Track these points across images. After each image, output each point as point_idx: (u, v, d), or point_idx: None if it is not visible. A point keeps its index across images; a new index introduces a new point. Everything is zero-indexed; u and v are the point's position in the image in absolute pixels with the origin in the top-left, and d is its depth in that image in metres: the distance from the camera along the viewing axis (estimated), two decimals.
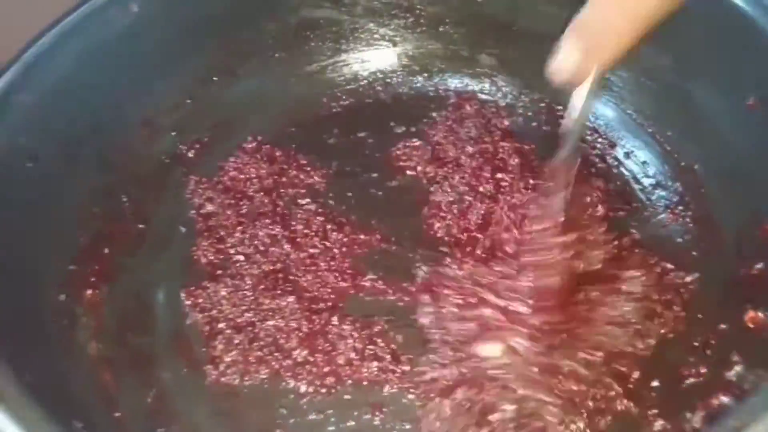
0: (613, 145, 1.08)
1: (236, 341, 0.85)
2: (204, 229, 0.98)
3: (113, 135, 0.97)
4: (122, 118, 0.99)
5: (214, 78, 1.11)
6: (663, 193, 1.00)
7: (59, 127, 0.86)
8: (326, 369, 0.82)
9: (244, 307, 0.88)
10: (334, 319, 0.86)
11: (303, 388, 0.81)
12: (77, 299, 0.82)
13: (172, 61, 1.05)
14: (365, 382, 0.82)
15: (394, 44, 1.22)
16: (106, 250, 0.90)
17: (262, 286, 0.90)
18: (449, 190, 1.02)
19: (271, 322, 0.87)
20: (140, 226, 0.96)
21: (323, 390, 0.81)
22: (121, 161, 0.98)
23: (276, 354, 0.84)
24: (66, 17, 0.90)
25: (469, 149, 1.06)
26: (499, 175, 1.02)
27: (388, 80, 1.21)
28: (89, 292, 0.84)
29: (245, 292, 0.90)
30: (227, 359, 0.84)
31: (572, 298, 0.84)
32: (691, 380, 0.77)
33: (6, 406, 0.56)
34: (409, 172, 1.07)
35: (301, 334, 0.85)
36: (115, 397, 0.76)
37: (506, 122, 1.12)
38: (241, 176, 1.05)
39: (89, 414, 0.66)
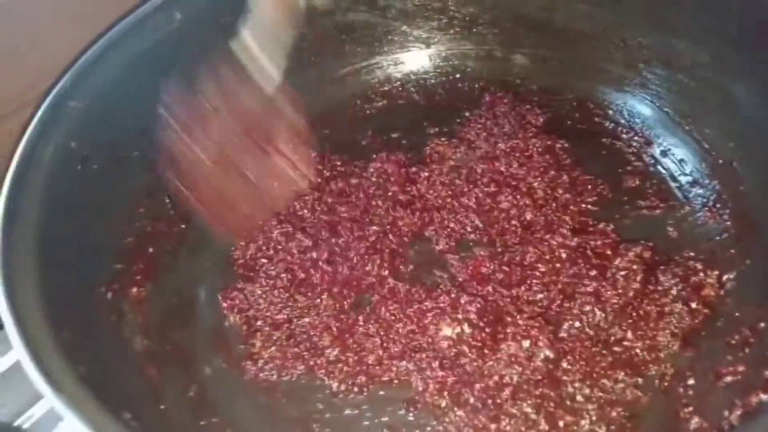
0: (649, 143, 1.07)
1: (274, 338, 0.88)
2: None
3: (157, 138, 1.00)
4: (164, 121, 1.02)
5: None
6: (700, 191, 0.98)
7: (106, 131, 0.89)
8: (357, 368, 0.84)
9: (280, 305, 0.91)
10: (361, 319, 0.88)
11: (335, 386, 0.83)
12: (124, 296, 0.86)
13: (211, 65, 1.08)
14: (396, 381, 0.83)
15: (428, 46, 1.23)
16: (150, 250, 0.94)
17: (296, 285, 0.92)
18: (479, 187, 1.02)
19: (306, 320, 0.89)
20: (182, 226, 0.99)
21: (355, 389, 0.83)
22: (164, 163, 1.01)
23: (311, 351, 0.86)
24: (113, 27, 0.94)
25: (502, 146, 1.06)
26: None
27: (422, 81, 1.23)
28: (135, 289, 0.88)
29: (280, 290, 0.92)
30: (266, 355, 0.86)
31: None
32: (729, 378, 0.76)
33: (65, 396, 0.59)
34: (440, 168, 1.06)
35: (333, 332, 0.87)
36: (160, 391, 0.79)
37: (541, 119, 1.11)
38: None
39: (137, 406, 0.69)
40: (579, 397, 0.78)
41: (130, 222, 0.93)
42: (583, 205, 0.97)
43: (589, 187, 1.00)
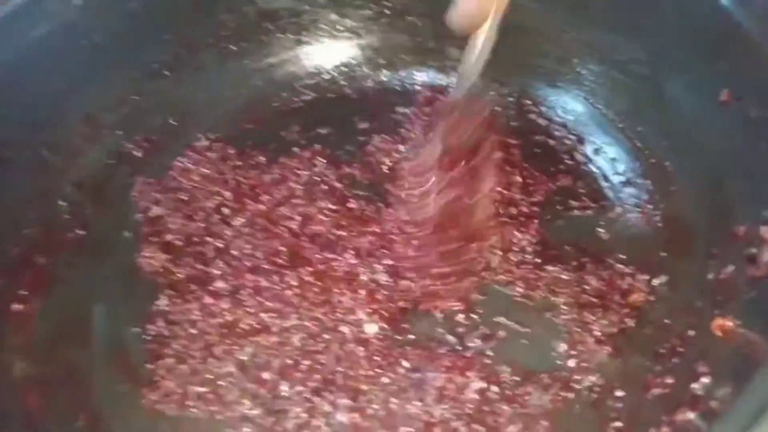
0: (582, 141, 1.03)
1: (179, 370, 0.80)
2: (150, 234, 0.92)
3: (51, 133, 0.91)
4: (61, 115, 0.93)
5: (165, 72, 1.05)
6: (633, 191, 0.96)
7: None
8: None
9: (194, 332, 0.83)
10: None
11: None
12: (2, 315, 0.76)
13: (118, 54, 0.99)
14: None
15: (358, 36, 1.16)
16: (41, 260, 0.84)
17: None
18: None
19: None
20: (79, 232, 0.90)
21: None
22: (60, 162, 0.92)
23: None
24: None
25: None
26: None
27: (352, 74, 1.16)
28: (18, 306, 0.79)
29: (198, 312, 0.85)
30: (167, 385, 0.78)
31: None
32: (657, 391, 0.73)
33: None
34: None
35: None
36: (39, 423, 0.70)
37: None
38: (193, 177, 1.00)
39: None
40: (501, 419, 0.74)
41: (15, 229, 0.83)
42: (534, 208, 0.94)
43: (541, 186, 0.97)
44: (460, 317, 0.84)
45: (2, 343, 0.75)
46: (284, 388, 0.78)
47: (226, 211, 0.95)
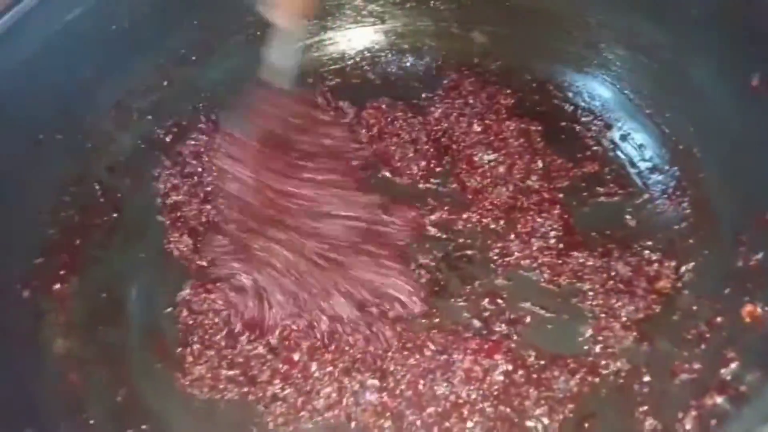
0: (609, 127, 1.03)
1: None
2: (175, 220, 0.94)
3: (83, 119, 0.92)
4: (92, 100, 0.94)
5: (193, 58, 1.06)
6: (660, 178, 0.95)
7: (21, 112, 0.81)
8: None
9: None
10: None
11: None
12: (44, 294, 0.79)
13: (145, 41, 1.00)
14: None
15: (383, 21, 1.16)
16: (77, 241, 0.87)
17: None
18: None
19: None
20: (114, 215, 0.92)
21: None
22: (93, 146, 0.93)
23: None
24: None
25: (476, 127, 1.01)
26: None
27: (377, 59, 1.16)
28: (58, 286, 0.81)
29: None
30: (196, 373, 0.80)
31: None
32: (685, 376, 0.73)
33: None
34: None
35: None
36: (81, 398, 0.73)
37: (511, 101, 1.06)
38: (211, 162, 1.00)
39: (51, 417, 0.62)
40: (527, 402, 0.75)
41: (53, 211, 0.86)
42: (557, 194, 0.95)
43: (562, 172, 0.97)
44: (486, 302, 0.85)
45: (44, 320, 0.77)
46: (314, 369, 0.80)
47: None
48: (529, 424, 0.74)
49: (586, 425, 0.74)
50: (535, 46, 1.11)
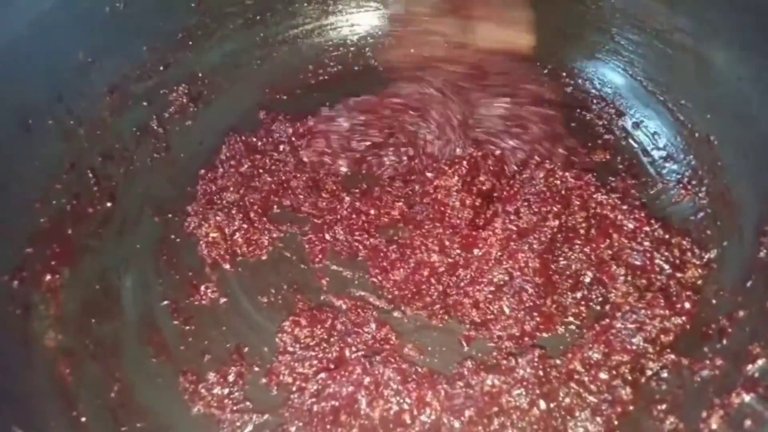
0: (621, 115, 1.00)
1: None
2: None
3: (76, 104, 0.89)
4: (86, 85, 0.90)
5: (190, 42, 1.02)
6: (674, 167, 0.92)
7: (11, 95, 0.78)
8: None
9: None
10: None
11: None
12: (34, 285, 0.75)
13: (141, 24, 0.96)
14: None
15: (385, 6, 1.13)
16: (69, 231, 0.83)
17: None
18: None
19: None
20: (107, 204, 0.89)
21: None
22: (86, 133, 0.90)
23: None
24: None
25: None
26: None
27: (380, 45, 1.12)
28: (48, 277, 0.77)
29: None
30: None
31: None
32: (706, 373, 0.70)
33: None
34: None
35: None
36: (73, 394, 0.69)
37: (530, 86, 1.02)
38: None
39: (40, 415, 0.59)
40: None
41: (44, 199, 0.82)
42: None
43: (587, 159, 0.94)
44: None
45: (34, 312, 0.74)
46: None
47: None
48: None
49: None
50: (544, 31, 1.07)
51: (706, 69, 0.90)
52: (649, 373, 0.73)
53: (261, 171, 0.95)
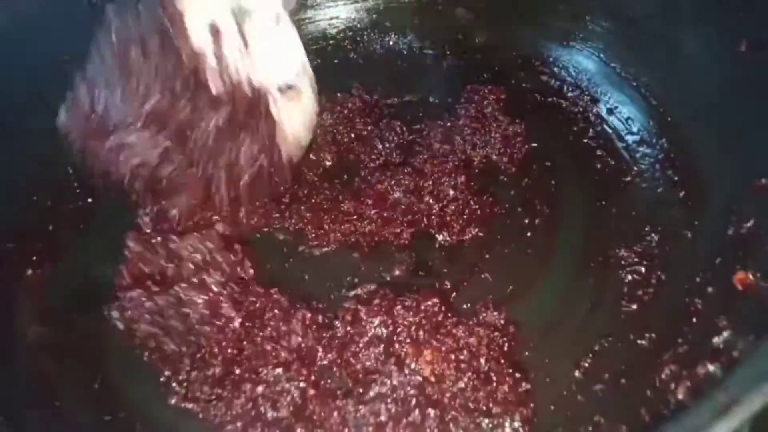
0: (595, 101, 1.01)
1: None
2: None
3: (55, 101, 0.89)
4: (64, 82, 0.90)
5: None
6: (648, 151, 0.94)
7: None
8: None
9: None
10: None
11: None
12: (17, 280, 0.76)
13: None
14: None
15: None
16: (50, 227, 0.84)
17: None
18: None
19: None
20: (88, 199, 0.89)
21: None
22: None
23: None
24: None
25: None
26: None
27: (358, 38, 1.14)
28: (30, 272, 0.78)
29: None
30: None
31: None
32: (680, 349, 0.71)
33: None
34: None
35: None
36: (55, 386, 0.70)
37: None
38: None
39: (21, 406, 0.60)
40: None
41: (25, 196, 0.83)
42: None
43: None
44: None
45: (17, 308, 0.74)
46: None
47: None
48: None
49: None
50: (519, 20, 1.09)
51: (677, 54, 0.92)
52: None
53: None
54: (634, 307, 0.79)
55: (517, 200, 0.90)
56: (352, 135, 0.98)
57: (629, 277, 0.81)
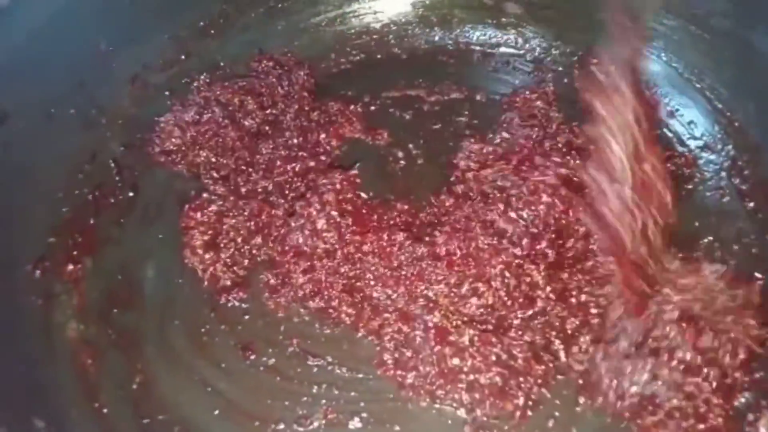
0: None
1: None
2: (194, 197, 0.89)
3: (98, 93, 0.88)
4: (108, 74, 0.90)
5: (212, 31, 1.01)
6: (712, 157, 0.89)
7: (32, 85, 0.77)
8: None
9: None
10: None
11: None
12: (56, 275, 0.75)
13: (163, 12, 0.96)
14: None
15: None
16: (91, 221, 0.83)
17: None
18: None
19: None
20: (129, 194, 0.88)
21: None
22: (108, 122, 0.89)
23: None
24: None
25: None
26: None
27: (403, 33, 1.10)
28: (71, 266, 0.77)
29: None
30: None
31: None
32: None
33: None
34: None
35: None
36: (94, 385, 0.69)
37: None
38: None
39: (60, 406, 0.58)
40: None
41: (66, 189, 0.82)
42: None
43: None
44: None
45: (56, 302, 0.74)
46: None
47: None
48: None
49: None
50: (573, 16, 1.04)
51: (748, 55, 0.86)
52: None
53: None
54: None
55: None
56: None
57: None
